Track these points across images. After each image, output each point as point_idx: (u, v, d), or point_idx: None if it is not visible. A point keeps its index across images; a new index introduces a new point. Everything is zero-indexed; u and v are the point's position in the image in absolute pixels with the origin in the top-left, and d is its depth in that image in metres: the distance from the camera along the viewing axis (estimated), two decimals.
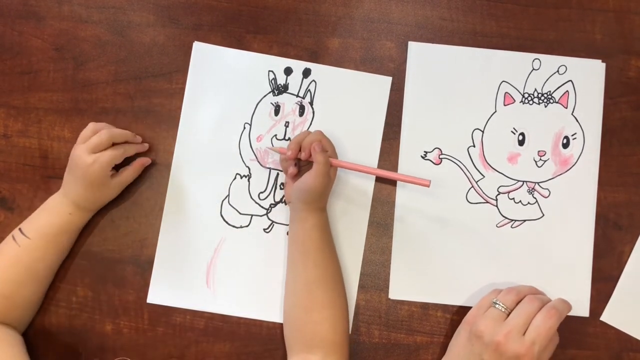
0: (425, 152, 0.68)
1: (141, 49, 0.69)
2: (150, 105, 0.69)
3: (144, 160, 0.66)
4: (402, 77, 0.69)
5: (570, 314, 0.66)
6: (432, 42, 0.69)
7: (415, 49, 0.69)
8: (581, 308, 0.66)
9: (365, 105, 0.68)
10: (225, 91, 0.69)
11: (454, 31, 0.70)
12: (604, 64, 0.69)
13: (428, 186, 0.61)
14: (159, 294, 0.66)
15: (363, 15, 0.70)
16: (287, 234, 0.67)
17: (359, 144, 0.68)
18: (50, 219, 0.63)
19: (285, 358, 0.62)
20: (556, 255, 0.67)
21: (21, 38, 0.70)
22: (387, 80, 0.69)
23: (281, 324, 0.66)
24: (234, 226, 0.67)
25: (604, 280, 0.67)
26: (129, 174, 0.65)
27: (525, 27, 0.70)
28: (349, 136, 0.68)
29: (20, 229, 0.62)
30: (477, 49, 0.69)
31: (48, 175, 0.68)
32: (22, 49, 0.69)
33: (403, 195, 0.67)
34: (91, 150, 0.62)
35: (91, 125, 0.64)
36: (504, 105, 0.68)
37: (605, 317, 0.66)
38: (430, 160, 0.68)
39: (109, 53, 0.69)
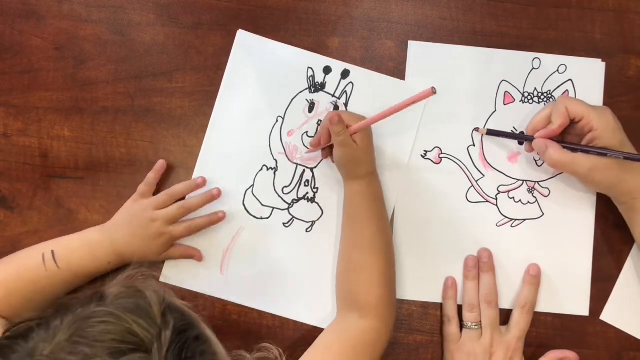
0: (425, 151, 0.68)
1: (141, 48, 0.69)
2: (150, 105, 0.69)
3: (197, 256, 0.66)
4: (402, 77, 0.69)
5: (570, 313, 0.66)
6: (432, 42, 0.69)
7: (415, 48, 0.69)
8: (581, 308, 0.66)
9: (400, 115, 0.67)
10: (263, 82, 0.68)
11: (453, 30, 0.70)
12: (603, 64, 0.69)
13: (434, 93, 0.54)
14: (172, 274, 0.66)
15: (363, 14, 0.70)
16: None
17: (388, 152, 0.67)
18: (87, 263, 0.62)
19: (284, 355, 0.62)
20: (556, 254, 0.67)
21: (21, 37, 0.70)
22: (426, 92, 0.67)
23: (284, 322, 0.66)
24: (254, 216, 0.67)
25: (604, 280, 0.66)
26: (175, 252, 0.65)
27: (525, 27, 0.70)
28: (379, 144, 0.66)
29: (53, 253, 0.61)
30: (477, 48, 0.69)
31: (48, 174, 0.68)
32: (22, 48, 0.69)
33: (403, 194, 0.67)
34: (155, 207, 0.63)
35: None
36: (504, 104, 0.68)
37: (605, 316, 0.66)
38: (430, 160, 0.68)
39: (109, 52, 0.69)
